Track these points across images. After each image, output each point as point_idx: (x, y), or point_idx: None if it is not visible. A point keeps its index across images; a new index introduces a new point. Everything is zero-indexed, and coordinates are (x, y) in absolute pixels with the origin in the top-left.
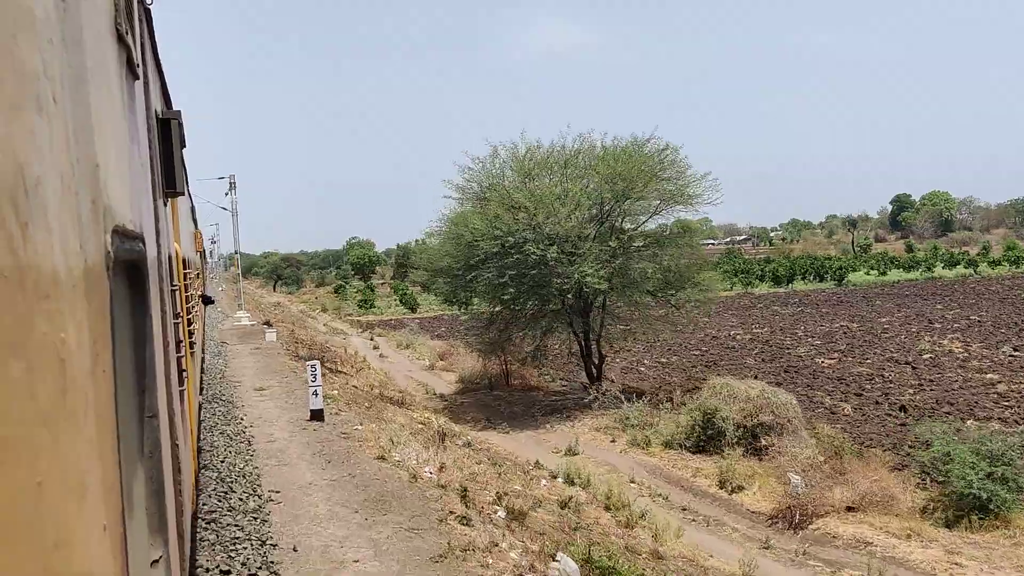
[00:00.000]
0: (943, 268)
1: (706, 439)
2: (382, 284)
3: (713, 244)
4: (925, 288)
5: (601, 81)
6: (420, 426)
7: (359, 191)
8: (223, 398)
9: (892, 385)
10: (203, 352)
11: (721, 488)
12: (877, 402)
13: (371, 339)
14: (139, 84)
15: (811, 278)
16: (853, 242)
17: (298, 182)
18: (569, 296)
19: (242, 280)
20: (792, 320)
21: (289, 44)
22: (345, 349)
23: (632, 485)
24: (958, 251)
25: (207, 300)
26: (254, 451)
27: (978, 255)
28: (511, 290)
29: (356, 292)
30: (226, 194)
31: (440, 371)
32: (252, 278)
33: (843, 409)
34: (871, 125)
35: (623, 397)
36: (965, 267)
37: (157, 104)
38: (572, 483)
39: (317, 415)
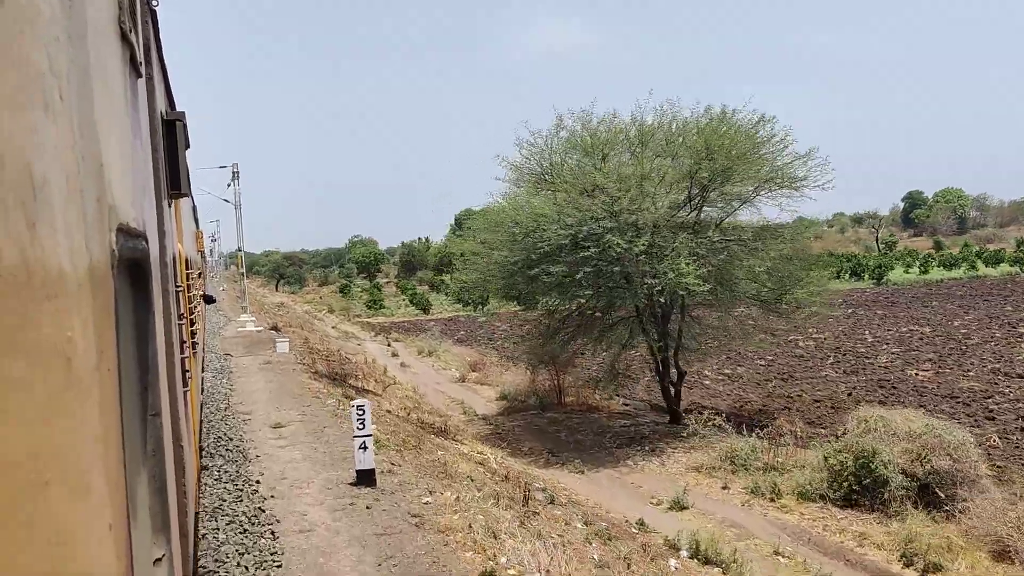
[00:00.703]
0: (985, 266)
1: (859, 489)
2: (387, 283)
3: None
4: (976, 287)
5: (601, 80)
6: (480, 467)
7: (359, 191)
8: (229, 445)
9: (1022, 405)
10: (204, 352)
11: (908, 566)
12: (1022, 429)
13: (388, 344)
14: (143, 84)
15: (847, 276)
16: (877, 240)
17: (298, 182)
18: (663, 299)
19: (246, 280)
20: (851, 323)
21: (288, 44)
22: (366, 359)
23: (780, 560)
24: (993, 248)
25: (208, 299)
26: (282, 552)
27: (1017, 252)
28: (586, 291)
29: (362, 292)
30: (228, 185)
31: (474, 384)
32: (253, 277)
33: (990, 439)
34: (870, 124)
35: (728, 426)
36: (1010, 264)
37: (161, 105)
38: (707, 561)
39: (366, 477)
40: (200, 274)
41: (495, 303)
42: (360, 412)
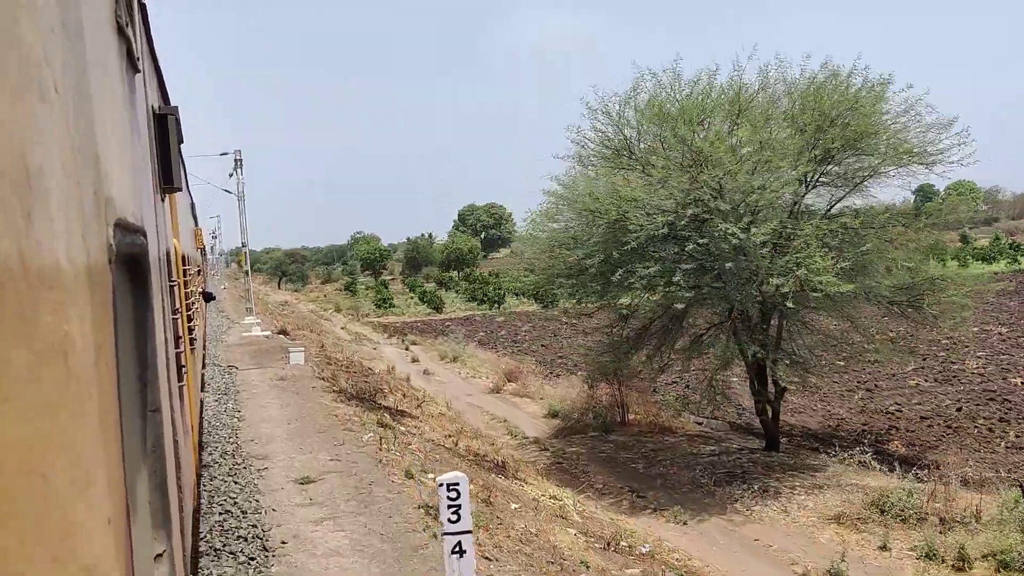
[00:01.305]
0: None
1: None
2: (392, 280)
3: None
4: None
5: (603, 68)
6: (571, 529)
7: (359, 188)
8: (242, 522)
9: None
10: (204, 348)
11: None
12: None
13: (406, 348)
14: (139, 79)
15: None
16: None
17: (298, 178)
18: (788, 301)
19: (251, 278)
20: (910, 321)
21: (287, 38)
22: (391, 369)
23: None
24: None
25: (208, 296)
26: None
27: None
28: (685, 294)
29: (368, 290)
30: (231, 175)
31: (512, 397)
32: (255, 275)
33: None
34: None
35: (874, 462)
36: None
37: (154, 99)
38: None
39: None
40: (199, 271)
41: (512, 301)
42: (452, 496)
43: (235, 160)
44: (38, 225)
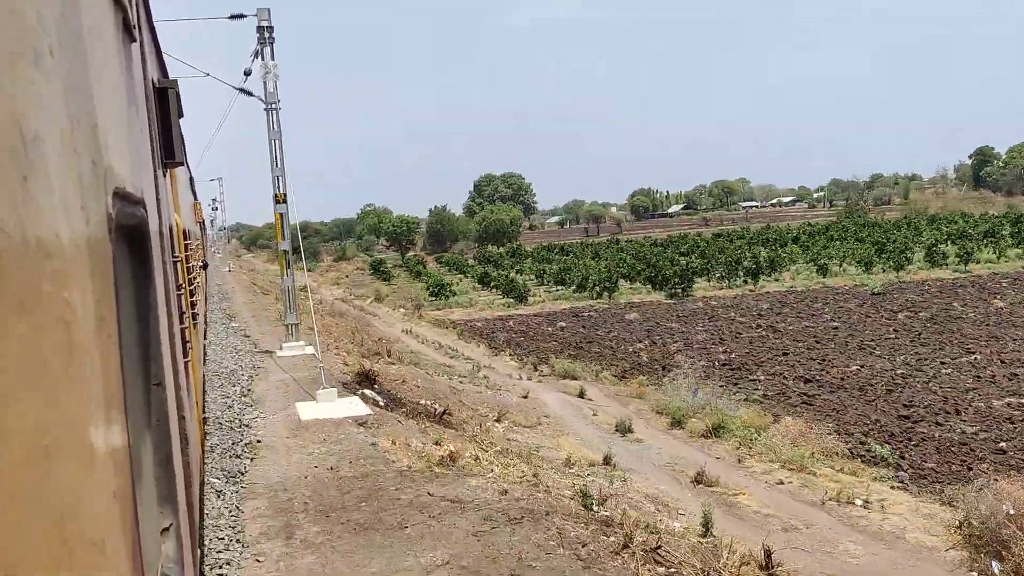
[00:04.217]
0: None
1: None
2: (416, 257)
3: (757, 207)
4: None
5: (607, 49)
6: None
7: (366, 157)
8: None
9: None
10: (207, 324)
11: None
12: None
13: (579, 395)
14: (136, 48)
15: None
16: None
17: (300, 152)
18: None
19: (290, 264)
20: None
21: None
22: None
23: None
24: None
25: (203, 265)
26: None
27: None
28: None
29: (396, 268)
30: (253, 58)
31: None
32: (258, 252)
33: None
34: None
35: None
36: None
37: (154, 72)
38: None
39: None
40: (199, 246)
41: (627, 286)
42: None
43: (261, 31)
44: (36, 192)
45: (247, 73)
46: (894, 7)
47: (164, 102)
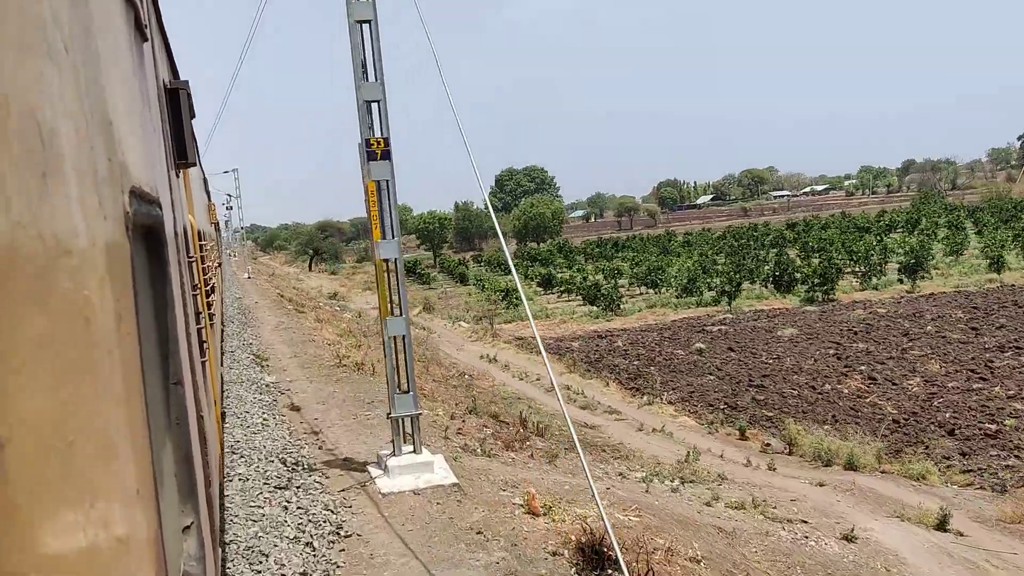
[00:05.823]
0: None
1: None
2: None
3: (792, 196)
4: None
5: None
6: None
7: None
8: None
9: None
10: (222, 324)
11: None
12: None
13: (940, 527)
14: (148, 48)
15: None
16: None
17: (304, 156)
18: None
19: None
20: None
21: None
22: None
23: None
24: None
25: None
26: None
27: None
28: None
29: (430, 269)
30: None
31: None
32: (275, 253)
33: None
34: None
35: None
36: None
37: (165, 72)
38: None
39: None
40: (214, 246)
41: (751, 290)
42: None
43: None
44: (52, 188)
45: None
46: None
47: (176, 103)
